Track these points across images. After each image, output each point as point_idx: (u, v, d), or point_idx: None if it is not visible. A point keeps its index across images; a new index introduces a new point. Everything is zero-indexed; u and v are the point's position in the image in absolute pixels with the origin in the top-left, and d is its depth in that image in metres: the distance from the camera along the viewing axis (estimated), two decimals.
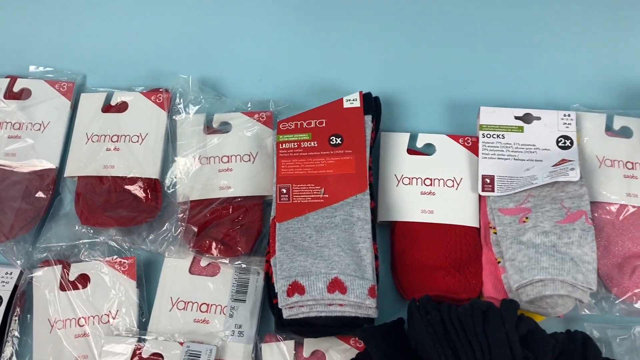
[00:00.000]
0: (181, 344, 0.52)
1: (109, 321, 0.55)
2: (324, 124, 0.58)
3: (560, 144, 0.59)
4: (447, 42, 0.68)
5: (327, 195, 0.55)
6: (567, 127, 0.59)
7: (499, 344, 0.44)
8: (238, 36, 0.69)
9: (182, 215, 0.57)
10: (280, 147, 0.58)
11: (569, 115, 0.60)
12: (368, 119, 0.58)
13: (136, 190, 0.59)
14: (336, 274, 0.50)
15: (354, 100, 0.59)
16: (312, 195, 0.55)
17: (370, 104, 0.60)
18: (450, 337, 0.46)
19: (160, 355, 0.52)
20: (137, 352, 0.52)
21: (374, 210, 0.56)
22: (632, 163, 0.59)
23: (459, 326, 0.46)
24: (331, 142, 0.57)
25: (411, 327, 0.49)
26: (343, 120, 0.58)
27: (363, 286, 0.50)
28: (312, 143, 0.57)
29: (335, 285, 0.50)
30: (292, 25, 0.70)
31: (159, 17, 0.70)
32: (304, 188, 0.55)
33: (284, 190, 0.55)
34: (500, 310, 0.46)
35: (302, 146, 0.57)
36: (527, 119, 0.60)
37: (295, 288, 0.49)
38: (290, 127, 0.59)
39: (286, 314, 0.50)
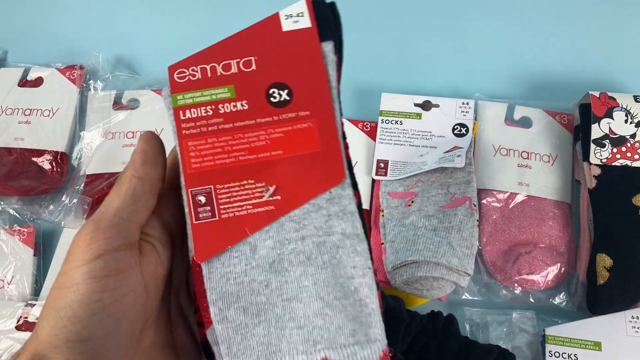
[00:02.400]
0: None
1: (3, 287, 0.56)
2: (253, 66, 0.33)
3: (455, 132, 0.60)
4: (357, 29, 0.69)
5: (278, 197, 0.32)
6: (465, 115, 0.60)
7: None
8: (154, 14, 0.70)
9: (80, 187, 0.58)
10: (182, 117, 0.32)
11: (467, 104, 0.60)
12: (328, 48, 0.33)
13: (43, 162, 0.61)
14: (323, 349, 0.29)
15: (298, 15, 0.34)
16: (254, 201, 0.32)
17: (327, 18, 0.34)
18: None
19: None
20: (24, 316, 0.54)
21: (359, 205, 0.32)
22: (528, 153, 0.59)
23: None
24: (272, 99, 0.33)
25: None
26: (286, 56, 0.33)
27: (370, 358, 0.30)
28: (239, 104, 0.33)
29: None
30: (207, 3, 0.70)
31: None
32: (237, 188, 0.32)
33: (202, 199, 0.31)
34: None
35: (222, 111, 0.33)
36: (426, 106, 0.61)
37: None
38: (194, 75, 0.33)
39: None
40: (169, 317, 0.32)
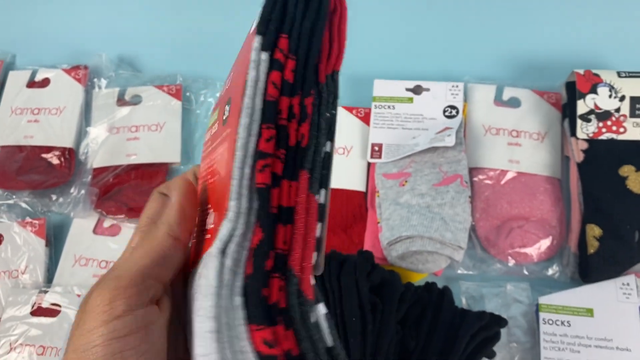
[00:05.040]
0: (78, 295, 0.57)
1: (18, 276, 0.59)
2: (227, 83, 0.29)
3: (446, 114, 0.62)
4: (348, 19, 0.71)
5: (210, 230, 0.27)
6: (455, 98, 0.62)
7: (348, 290, 0.48)
8: (154, 14, 0.72)
9: (87, 180, 0.61)
10: (206, 137, 0.33)
11: (456, 86, 0.62)
12: (254, 45, 0.24)
13: (52, 157, 0.64)
14: None
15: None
16: (205, 228, 0.28)
17: (270, 4, 0.25)
18: None
19: (59, 305, 0.56)
20: (38, 302, 0.57)
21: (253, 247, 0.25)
22: (517, 131, 0.61)
23: (318, 276, 0.49)
24: (224, 117, 0.28)
25: None
26: (237, 65, 0.28)
27: None
28: (216, 125, 0.30)
29: None
30: (205, 1, 0.73)
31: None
32: (202, 213, 0.29)
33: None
34: (355, 260, 0.49)
35: (211, 132, 0.31)
36: (417, 90, 0.63)
37: None
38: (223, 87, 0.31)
39: None
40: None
